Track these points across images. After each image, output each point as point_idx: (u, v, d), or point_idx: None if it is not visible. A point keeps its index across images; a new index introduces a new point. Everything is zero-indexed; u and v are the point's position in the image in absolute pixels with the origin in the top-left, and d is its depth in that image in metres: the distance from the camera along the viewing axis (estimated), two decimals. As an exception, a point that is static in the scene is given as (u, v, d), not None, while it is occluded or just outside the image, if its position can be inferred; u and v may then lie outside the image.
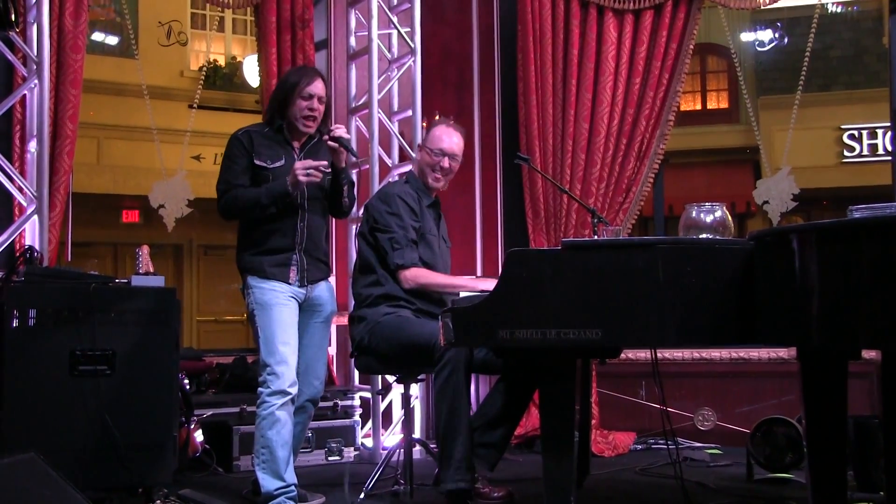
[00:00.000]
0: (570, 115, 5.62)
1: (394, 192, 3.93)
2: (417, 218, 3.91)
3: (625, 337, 2.68)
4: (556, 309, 2.67)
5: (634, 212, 5.65)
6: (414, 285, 3.79)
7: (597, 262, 2.68)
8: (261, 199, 3.72)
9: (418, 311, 3.81)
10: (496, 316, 2.73)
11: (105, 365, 3.80)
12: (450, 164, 4.04)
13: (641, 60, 5.63)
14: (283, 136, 3.88)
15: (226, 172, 3.80)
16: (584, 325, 2.65)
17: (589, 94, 5.61)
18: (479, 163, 6.01)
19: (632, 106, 5.62)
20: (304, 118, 3.83)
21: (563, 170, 5.62)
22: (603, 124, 5.59)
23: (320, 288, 3.91)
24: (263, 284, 3.76)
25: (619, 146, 5.63)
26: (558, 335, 2.66)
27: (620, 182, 5.63)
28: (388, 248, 3.81)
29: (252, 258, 3.79)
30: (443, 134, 4.05)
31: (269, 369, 3.65)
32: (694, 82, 13.45)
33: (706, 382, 5.56)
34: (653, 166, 5.66)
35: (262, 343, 3.71)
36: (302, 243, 3.83)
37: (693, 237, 3.11)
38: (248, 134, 3.85)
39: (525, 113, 5.73)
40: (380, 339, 3.75)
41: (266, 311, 3.72)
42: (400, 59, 5.55)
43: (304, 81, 3.84)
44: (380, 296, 3.82)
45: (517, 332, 2.71)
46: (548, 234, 5.65)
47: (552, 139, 5.67)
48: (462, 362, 3.46)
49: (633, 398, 5.60)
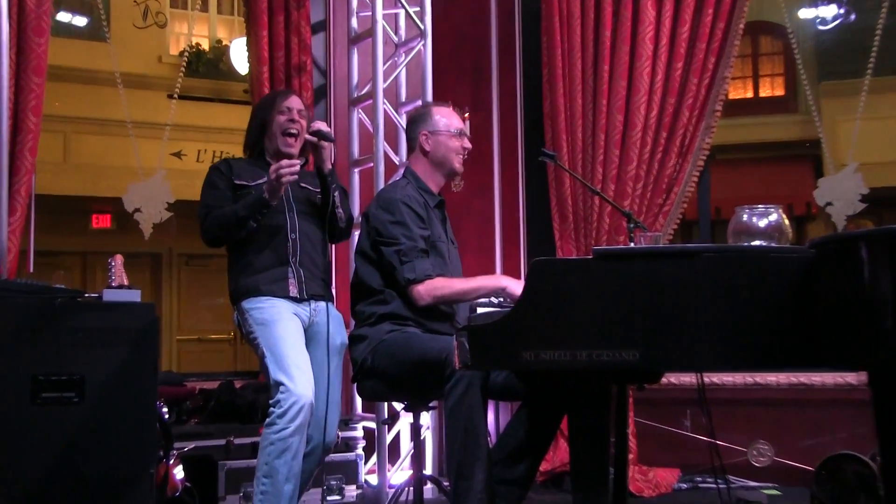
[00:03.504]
0: (602, 105, 5.62)
1: (396, 197, 3.90)
2: (426, 225, 3.90)
3: (666, 359, 2.67)
4: (588, 327, 2.66)
5: (676, 215, 5.64)
6: (430, 300, 3.76)
7: (633, 274, 2.67)
8: (238, 211, 3.85)
9: (429, 331, 3.79)
10: (519, 335, 2.72)
11: (72, 392, 3.80)
12: (469, 144, 4.10)
13: (684, 42, 5.62)
14: (263, 160, 4.06)
15: (205, 199, 3.97)
16: (620, 346, 2.64)
17: (623, 81, 5.62)
18: (498, 160, 6.02)
19: (673, 94, 5.62)
20: (284, 134, 4.02)
21: (594, 168, 5.62)
22: (640, 116, 5.59)
23: (322, 311, 3.97)
24: (261, 304, 3.83)
25: (659, 140, 5.62)
26: (590, 356, 2.65)
27: (660, 181, 5.62)
28: (396, 263, 3.79)
29: (246, 280, 3.89)
30: (449, 114, 4.11)
31: (283, 387, 3.66)
32: (744, 66, 13.43)
33: (761, 411, 5.54)
34: (697, 163, 5.66)
35: (269, 363, 3.73)
36: (296, 255, 3.92)
37: (744, 244, 3.09)
38: (225, 161, 4.08)
39: (551, 103, 5.73)
40: (384, 358, 3.75)
41: (268, 327, 3.77)
42: (408, 43, 5.57)
43: (278, 99, 4.09)
44: (384, 314, 3.81)
45: (543, 352, 2.70)
46: (577, 241, 5.65)
47: (581, 133, 5.67)
48: (478, 378, 3.43)
49: (677, 429, 5.58)
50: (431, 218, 3.97)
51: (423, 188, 4.03)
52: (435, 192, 4.08)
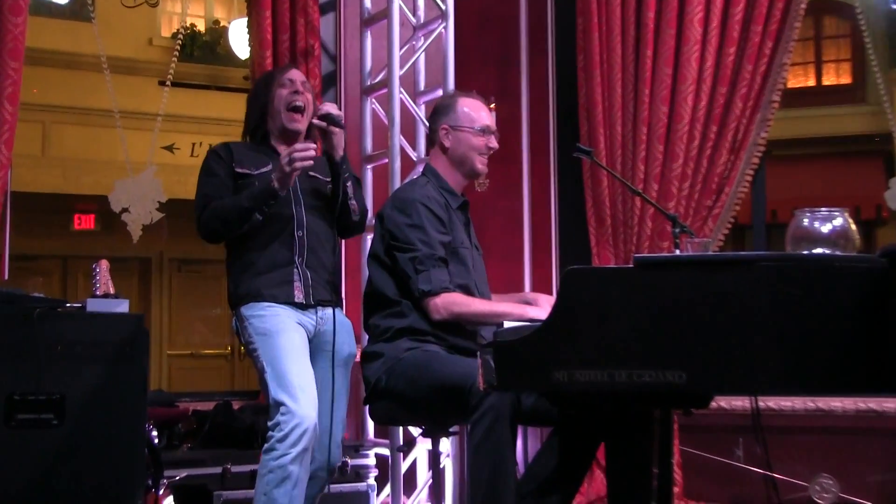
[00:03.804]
0: (645, 95, 5.62)
1: (413, 197, 3.91)
2: (446, 229, 3.90)
3: (716, 380, 2.66)
4: (628, 344, 2.66)
5: (727, 219, 5.63)
6: (446, 315, 3.77)
7: (679, 285, 2.66)
8: (241, 202, 3.84)
9: (451, 347, 3.80)
10: (551, 352, 2.72)
11: (51, 413, 3.82)
12: (496, 143, 4.09)
13: (737, 24, 5.62)
14: (267, 144, 4.07)
15: (203, 188, 3.96)
16: (664, 366, 2.64)
17: (669, 68, 5.61)
18: (527, 157, 6.02)
19: (724, 83, 5.61)
20: (289, 109, 4.02)
21: (635, 165, 5.61)
22: (687, 107, 5.58)
23: (329, 319, 3.98)
24: (263, 311, 3.83)
25: (708, 135, 5.61)
26: (630, 378, 2.65)
27: (709, 181, 5.61)
28: (411, 271, 3.79)
29: (247, 285, 3.89)
30: (476, 107, 4.10)
31: (284, 407, 3.67)
32: (806, 51, 13.39)
33: (825, 441, 5.51)
34: (751, 160, 5.65)
35: (269, 379, 3.75)
36: (303, 255, 3.92)
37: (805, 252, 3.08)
38: (225, 146, 4.06)
39: (587, 93, 5.73)
40: (401, 379, 3.75)
41: (269, 339, 3.79)
42: (427, 26, 5.57)
43: (277, 73, 4.12)
44: (401, 329, 3.82)
45: (577, 373, 2.69)
46: (615, 247, 5.64)
47: (621, 126, 5.67)
48: (506, 409, 3.43)
49: (728, 460, 5.56)
50: (453, 221, 3.98)
51: (445, 187, 4.04)
52: (457, 192, 4.08)
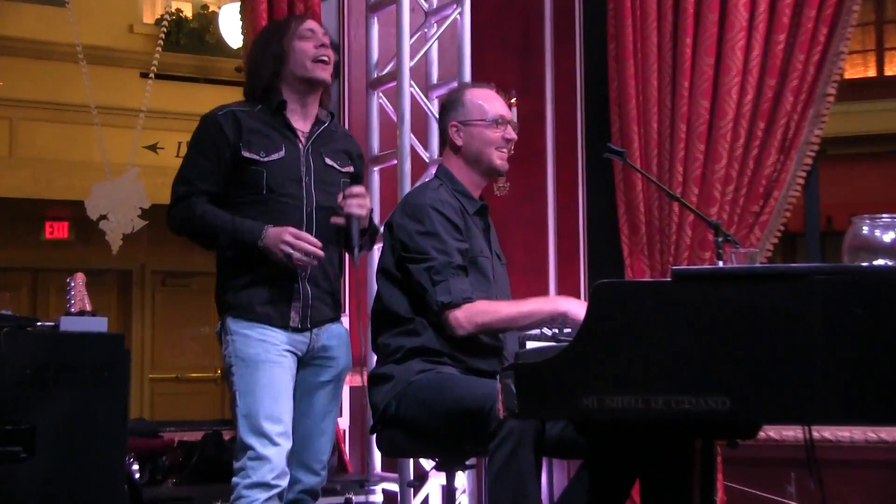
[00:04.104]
0: (684, 88, 5.62)
1: (425, 202, 3.92)
2: (463, 236, 3.91)
3: (764, 408, 2.66)
4: (665, 366, 2.66)
5: (777, 226, 5.63)
6: (471, 328, 3.77)
7: (723, 301, 2.66)
8: (219, 236, 3.78)
9: (469, 370, 3.82)
10: (579, 376, 2.72)
11: (20, 445, 3.83)
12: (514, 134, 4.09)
13: (787, 8, 5.62)
14: (282, 117, 3.94)
15: (189, 168, 3.87)
16: (706, 391, 2.64)
17: (710, 57, 5.61)
18: (552, 157, 6.03)
19: (773, 74, 5.61)
20: (314, 60, 3.92)
21: (672, 167, 5.62)
22: (731, 101, 5.58)
23: (329, 333, 3.96)
24: (249, 331, 3.81)
25: (755, 132, 5.62)
26: (668, 404, 2.65)
27: (756, 184, 5.61)
28: (427, 283, 3.80)
29: (237, 293, 3.85)
30: (487, 96, 4.12)
31: (252, 453, 3.68)
32: (866, 38, 13.36)
33: (886, 476, 5.50)
34: (804, 161, 5.64)
35: (240, 415, 3.75)
36: (306, 269, 3.86)
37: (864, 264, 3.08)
38: (232, 115, 3.90)
39: (619, 86, 5.73)
40: (413, 404, 3.76)
41: (250, 369, 3.76)
42: (441, 11, 5.59)
43: (293, 22, 3.99)
44: (414, 349, 3.83)
45: (609, 398, 2.70)
46: (651, 258, 5.65)
47: (657, 123, 5.67)
48: (529, 435, 3.43)
49: (778, 496, 5.56)
50: (470, 227, 3.99)
51: (460, 191, 4.05)
52: (475, 196, 4.09)
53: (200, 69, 11.92)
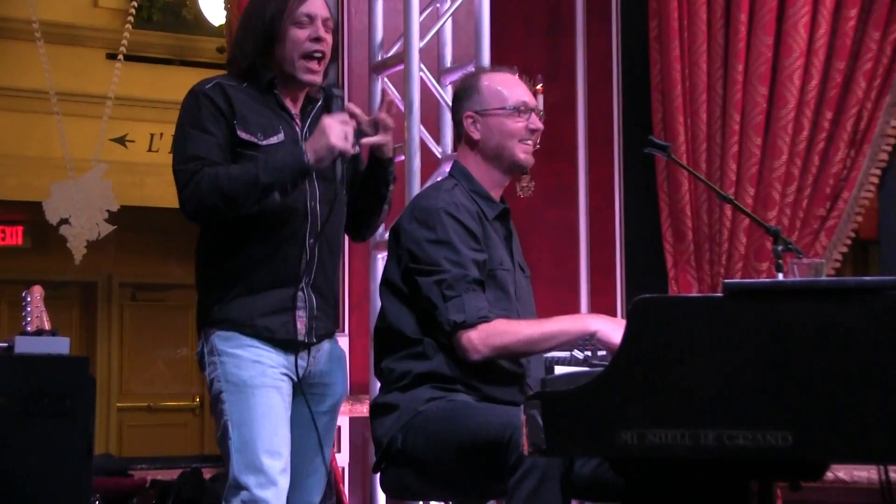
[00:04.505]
0: (737, 72, 5.64)
1: (438, 206, 3.89)
2: (480, 245, 3.90)
3: (832, 444, 2.66)
4: (716, 396, 2.67)
5: (846, 233, 5.63)
6: (487, 352, 3.74)
7: (783, 319, 2.67)
8: (257, 173, 3.61)
9: (486, 398, 3.81)
10: (616, 407, 2.73)
11: (-31, 484, 3.85)
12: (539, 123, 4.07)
13: (859, -21, 5.64)
14: (273, 96, 3.90)
15: (191, 145, 3.71)
16: (764, 424, 2.65)
17: (769, 37, 5.63)
18: (584, 152, 6.05)
19: (842, 56, 5.63)
20: (306, 57, 3.83)
21: (724, 163, 5.63)
22: (792, 87, 5.60)
23: (326, 354, 3.95)
24: (243, 350, 3.75)
25: (820, 123, 5.63)
26: (719, 440, 2.66)
27: (822, 183, 5.62)
28: (437, 298, 3.78)
29: (228, 305, 3.77)
30: (507, 81, 4.09)
31: (247, 494, 3.67)
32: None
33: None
34: (877, 157, 5.66)
35: (233, 450, 3.72)
36: (311, 272, 3.84)
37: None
38: (220, 88, 3.81)
39: (662, 71, 5.76)
40: (421, 438, 3.76)
41: (244, 395, 3.72)
42: (456, -17, 5.61)
43: (292, 1, 3.86)
44: (422, 374, 3.82)
45: (650, 433, 2.71)
46: (699, 269, 5.66)
47: (707, 113, 5.69)
48: (556, 470, 3.42)
49: (848, 547, 5.57)
50: (489, 234, 3.98)
51: (478, 192, 4.04)
52: (495, 198, 4.09)
53: (176, 50, 11.91)
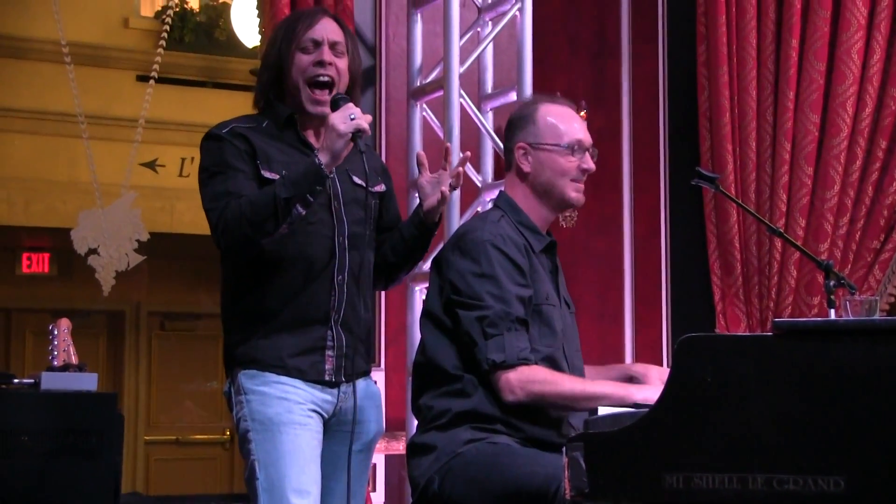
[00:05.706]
0: (788, 99, 5.63)
1: (484, 237, 3.88)
2: (526, 280, 3.89)
3: (889, 491, 2.64)
4: (766, 439, 2.66)
5: (903, 268, 5.62)
6: (523, 396, 3.73)
7: (836, 359, 2.66)
8: (276, 192, 3.60)
9: (528, 440, 3.81)
10: (661, 449, 2.73)
11: (-6, 524, 3.86)
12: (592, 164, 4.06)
13: (916, 3, 5.63)
14: (294, 132, 3.91)
15: (220, 182, 3.74)
16: (816, 469, 2.63)
17: (821, 63, 5.62)
18: (629, 182, 6.04)
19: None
20: (311, 85, 3.83)
21: (774, 194, 5.62)
22: (846, 115, 5.59)
23: (360, 392, 3.94)
24: (270, 388, 3.77)
25: (875, 152, 5.62)
26: (769, 485, 2.65)
27: (876, 215, 5.60)
28: (478, 335, 3.76)
29: (255, 344, 3.80)
30: (565, 116, 4.06)
31: None
32: None
33: None
34: (936, 187, 5.64)
35: (260, 489, 3.74)
36: (339, 310, 3.85)
37: None
38: (236, 132, 3.84)
39: (710, 97, 5.75)
40: (460, 482, 3.74)
41: (271, 433, 3.74)
42: (497, 7, 5.61)
43: (300, 26, 3.86)
44: (462, 413, 3.81)
45: (697, 477, 2.70)
46: (748, 305, 5.64)
47: (756, 142, 5.68)
48: (601, 525, 3.44)
49: None
50: (536, 268, 3.96)
51: (525, 224, 4.02)
52: (541, 231, 4.07)
53: (208, 71, 11.93)
